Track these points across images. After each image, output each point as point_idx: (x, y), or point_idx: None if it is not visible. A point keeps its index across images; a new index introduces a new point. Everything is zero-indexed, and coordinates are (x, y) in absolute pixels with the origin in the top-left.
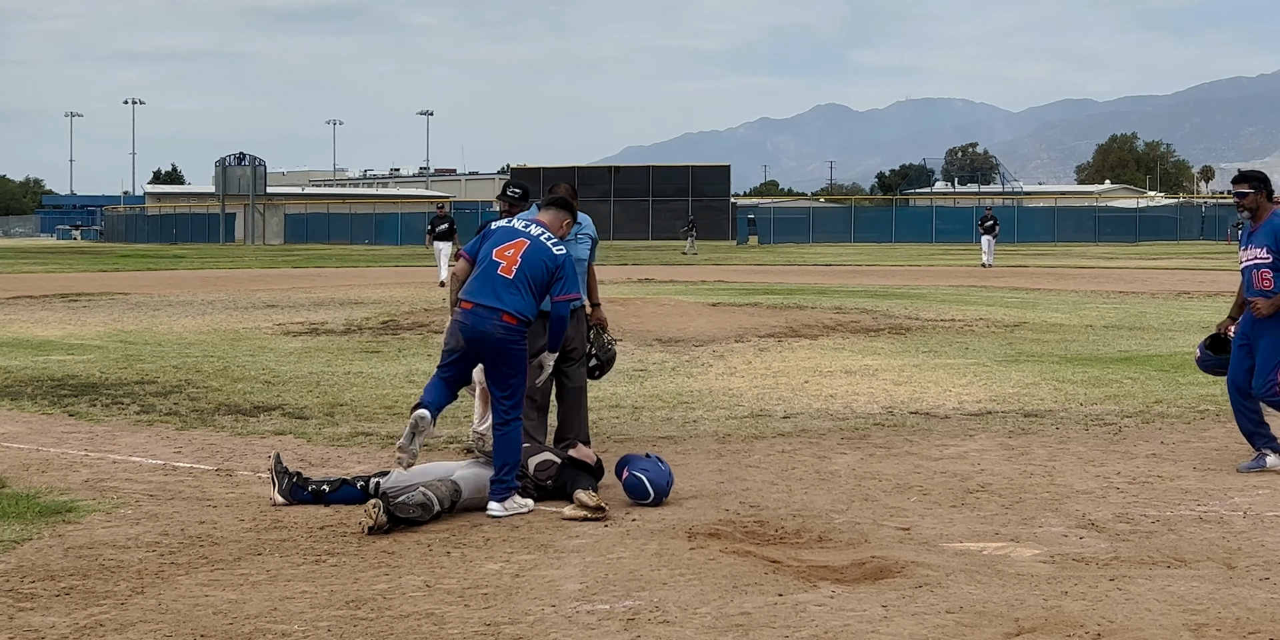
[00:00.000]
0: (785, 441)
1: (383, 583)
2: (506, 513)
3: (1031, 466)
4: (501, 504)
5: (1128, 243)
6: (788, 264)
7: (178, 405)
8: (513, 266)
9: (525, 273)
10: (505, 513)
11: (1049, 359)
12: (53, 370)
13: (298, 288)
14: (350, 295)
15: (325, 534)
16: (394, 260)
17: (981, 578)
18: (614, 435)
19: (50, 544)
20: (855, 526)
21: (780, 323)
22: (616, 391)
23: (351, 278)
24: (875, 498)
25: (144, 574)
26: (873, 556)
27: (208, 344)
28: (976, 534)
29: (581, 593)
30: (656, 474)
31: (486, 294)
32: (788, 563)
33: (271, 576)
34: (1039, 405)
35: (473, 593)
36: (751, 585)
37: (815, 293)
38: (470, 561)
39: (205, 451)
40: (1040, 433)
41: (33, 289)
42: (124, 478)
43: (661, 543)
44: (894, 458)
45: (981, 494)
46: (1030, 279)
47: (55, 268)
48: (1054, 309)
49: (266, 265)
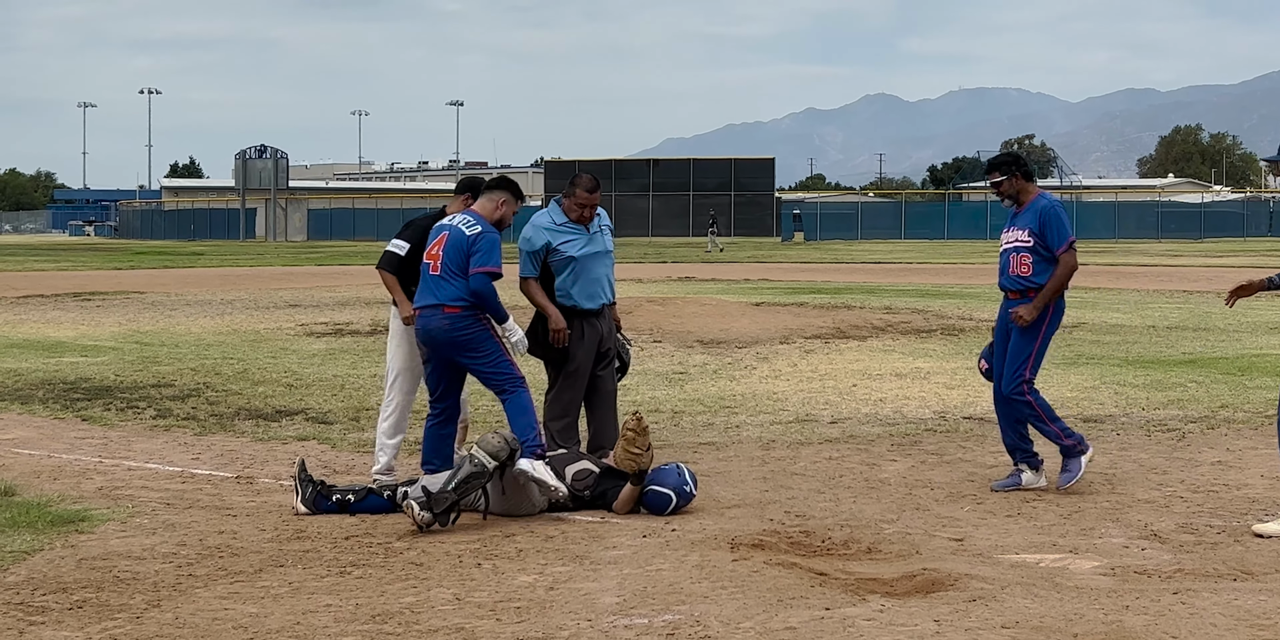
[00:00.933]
0: (832, 448)
1: (410, 596)
2: (533, 471)
3: (1091, 474)
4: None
5: (1192, 239)
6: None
7: (196, 409)
8: (438, 262)
9: (447, 261)
10: (532, 471)
11: (1109, 361)
12: (65, 373)
13: (321, 286)
14: (377, 294)
15: (350, 545)
16: None
17: (1038, 591)
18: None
19: (62, 555)
20: (906, 537)
21: (827, 323)
22: (655, 395)
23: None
24: (927, 507)
25: (160, 586)
26: (924, 569)
27: (227, 345)
28: (1033, 545)
29: (619, 606)
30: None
31: (425, 295)
32: (835, 575)
33: (294, 589)
34: (1099, 410)
35: (505, 606)
36: (797, 598)
37: (864, 292)
38: (502, 573)
39: (224, 458)
40: (1100, 439)
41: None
42: (139, 485)
43: (703, 554)
44: (947, 465)
45: (1038, 503)
46: (1090, 278)
47: (68, 265)
48: (1114, 309)
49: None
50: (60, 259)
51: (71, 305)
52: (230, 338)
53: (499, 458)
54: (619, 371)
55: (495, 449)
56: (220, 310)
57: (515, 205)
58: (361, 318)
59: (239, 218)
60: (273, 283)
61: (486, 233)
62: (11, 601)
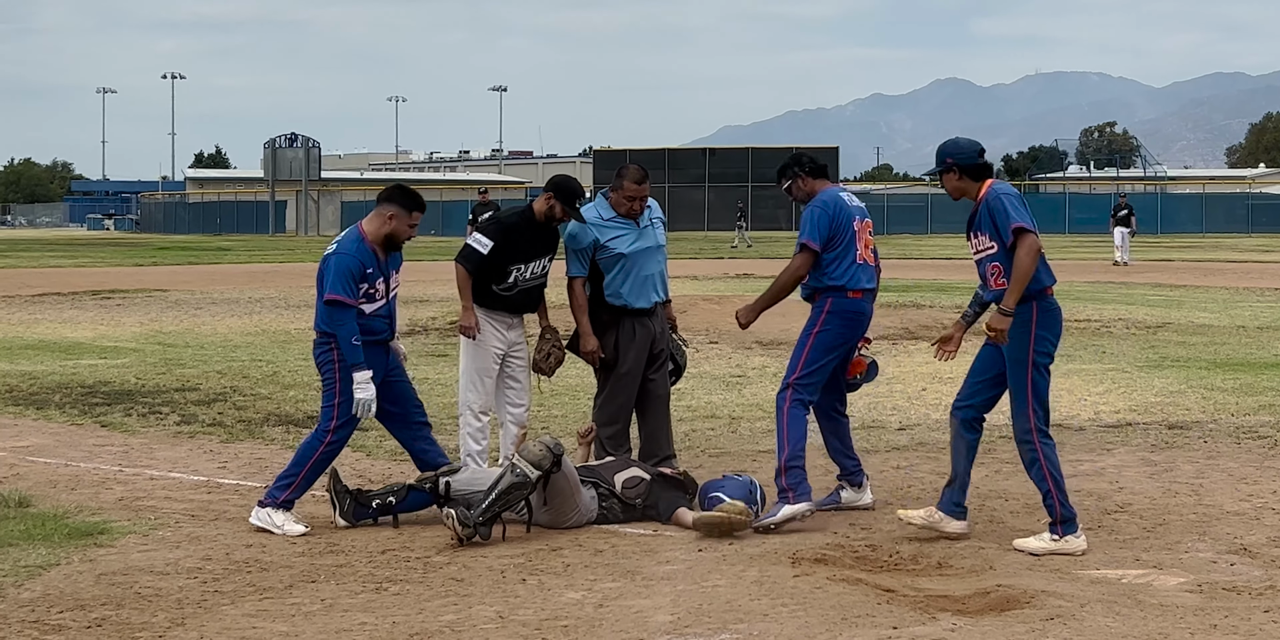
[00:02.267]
0: (900, 456)
1: (450, 613)
2: (258, 522)
3: (1176, 485)
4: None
5: None
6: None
7: (222, 415)
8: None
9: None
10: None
11: (1196, 364)
12: (83, 376)
13: None
14: (414, 292)
15: (387, 559)
16: None
17: (1120, 609)
18: (709, 449)
19: (80, 570)
20: (979, 551)
21: (894, 323)
22: (712, 400)
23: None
24: (1001, 519)
25: (184, 603)
26: (998, 585)
27: (256, 346)
28: (1115, 560)
29: (672, 625)
30: (735, 487)
31: None
32: (903, 591)
33: (327, 606)
34: (1185, 416)
35: (551, 625)
36: (863, 617)
37: (934, 290)
38: (548, 590)
39: (253, 466)
40: (1186, 447)
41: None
42: (162, 496)
43: (762, 569)
44: (1022, 475)
45: (1120, 515)
46: (1175, 274)
47: (86, 261)
48: (1202, 308)
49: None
50: (78, 254)
51: (90, 304)
52: (259, 338)
53: (542, 467)
54: (673, 375)
55: (538, 458)
56: (248, 309)
57: (409, 219)
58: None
59: (268, 211)
60: (304, 280)
61: (329, 255)
62: (26, 619)
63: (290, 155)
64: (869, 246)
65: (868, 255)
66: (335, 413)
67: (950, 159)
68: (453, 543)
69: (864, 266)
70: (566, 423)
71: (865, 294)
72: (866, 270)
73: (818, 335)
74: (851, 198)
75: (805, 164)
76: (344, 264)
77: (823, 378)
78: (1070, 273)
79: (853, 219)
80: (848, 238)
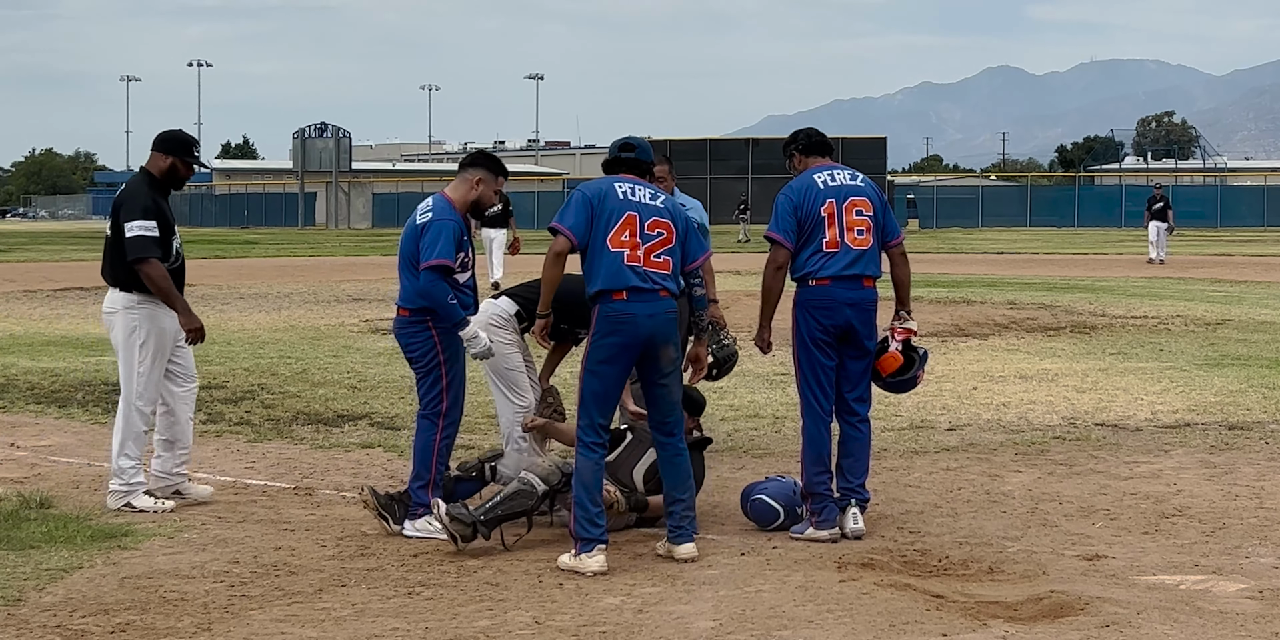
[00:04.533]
0: (950, 457)
1: (485, 619)
2: (417, 533)
3: (1237, 487)
4: (412, 523)
5: None
6: (953, 252)
7: (250, 414)
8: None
9: (401, 254)
10: (415, 533)
11: (1258, 362)
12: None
13: (387, 278)
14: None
15: (419, 563)
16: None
17: (1178, 616)
18: (752, 450)
19: (104, 573)
20: (1031, 556)
21: (944, 320)
22: (755, 399)
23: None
24: (1055, 523)
25: (211, 608)
26: (1052, 591)
27: (284, 343)
28: (1173, 565)
29: (714, 631)
30: (778, 488)
31: None
32: (953, 598)
33: (358, 611)
34: (1246, 416)
35: (589, 631)
36: (911, 623)
37: (985, 285)
38: (586, 595)
39: (281, 467)
40: (1247, 448)
41: (84, 280)
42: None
43: (807, 574)
44: (1077, 477)
45: (1178, 519)
46: (1235, 270)
47: None
48: (1263, 304)
49: (352, 252)
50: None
51: None
52: (287, 335)
53: (549, 483)
54: (716, 368)
55: (545, 474)
56: (276, 304)
57: (495, 184)
58: None
59: (297, 202)
60: (334, 274)
61: (433, 222)
62: (48, 624)
63: (320, 145)
64: (854, 228)
65: (852, 239)
66: (444, 396)
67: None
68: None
69: (835, 253)
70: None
71: (835, 280)
72: (840, 256)
73: (795, 334)
74: (835, 176)
75: (799, 141)
76: (449, 229)
77: (825, 378)
78: (1126, 268)
79: (820, 202)
80: (813, 222)
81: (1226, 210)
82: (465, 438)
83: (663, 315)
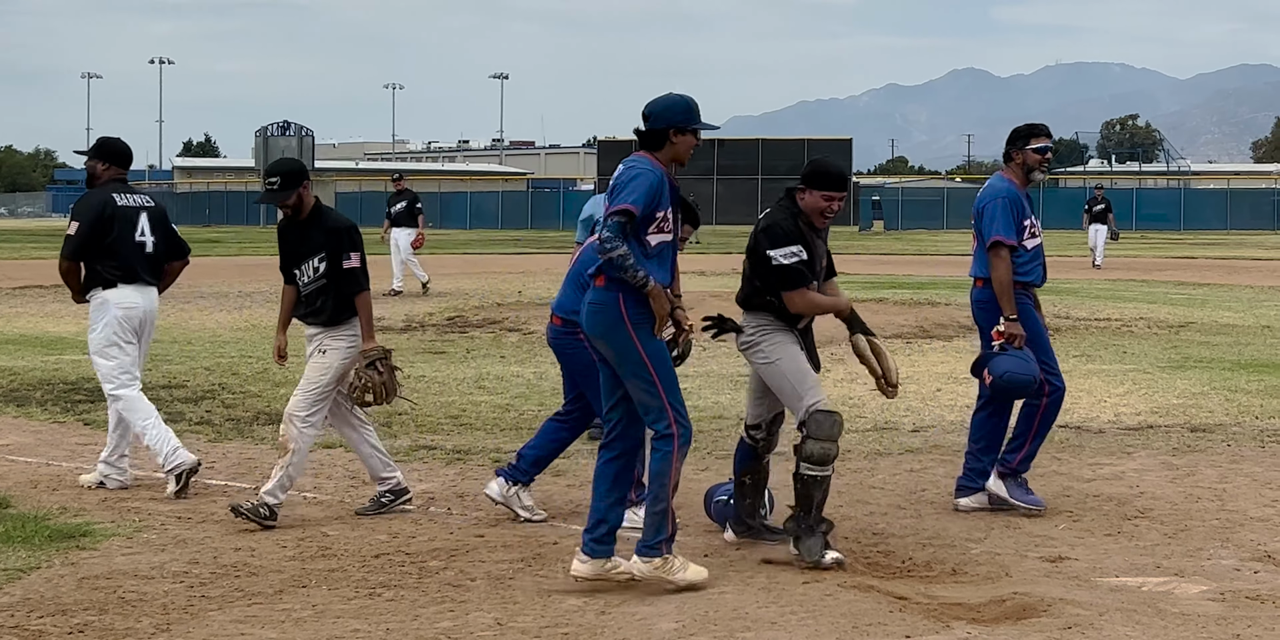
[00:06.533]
0: (914, 459)
1: (447, 620)
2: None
3: (1199, 489)
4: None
5: None
6: (918, 253)
7: (210, 413)
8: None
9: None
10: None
11: (1220, 365)
12: (66, 372)
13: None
14: (411, 287)
15: (380, 564)
16: (462, 246)
17: (1141, 618)
18: (715, 451)
19: (62, 573)
20: (995, 558)
21: (909, 321)
22: (719, 400)
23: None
24: (1018, 525)
25: (170, 609)
26: (1014, 593)
27: (245, 342)
28: (1135, 567)
29: (677, 633)
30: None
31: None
32: (916, 599)
33: (319, 612)
34: (1208, 418)
35: (551, 632)
36: (874, 625)
37: (950, 287)
38: (549, 596)
39: (242, 467)
40: (1209, 450)
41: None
42: (147, 497)
43: (770, 575)
44: (1040, 478)
45: (1141, 521)
46: (1198, 272)
47: None
48: (1226, 307)
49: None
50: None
51: None
52: (249, 334)
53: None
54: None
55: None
56: (238, 303)
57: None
58: (394, 313)
59: None
60: None
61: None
62: (6, 625)
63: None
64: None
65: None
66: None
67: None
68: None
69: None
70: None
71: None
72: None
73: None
74: None
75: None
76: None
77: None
78: (1090, 270)
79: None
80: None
81: (1190, 213)
82: (425, 437)
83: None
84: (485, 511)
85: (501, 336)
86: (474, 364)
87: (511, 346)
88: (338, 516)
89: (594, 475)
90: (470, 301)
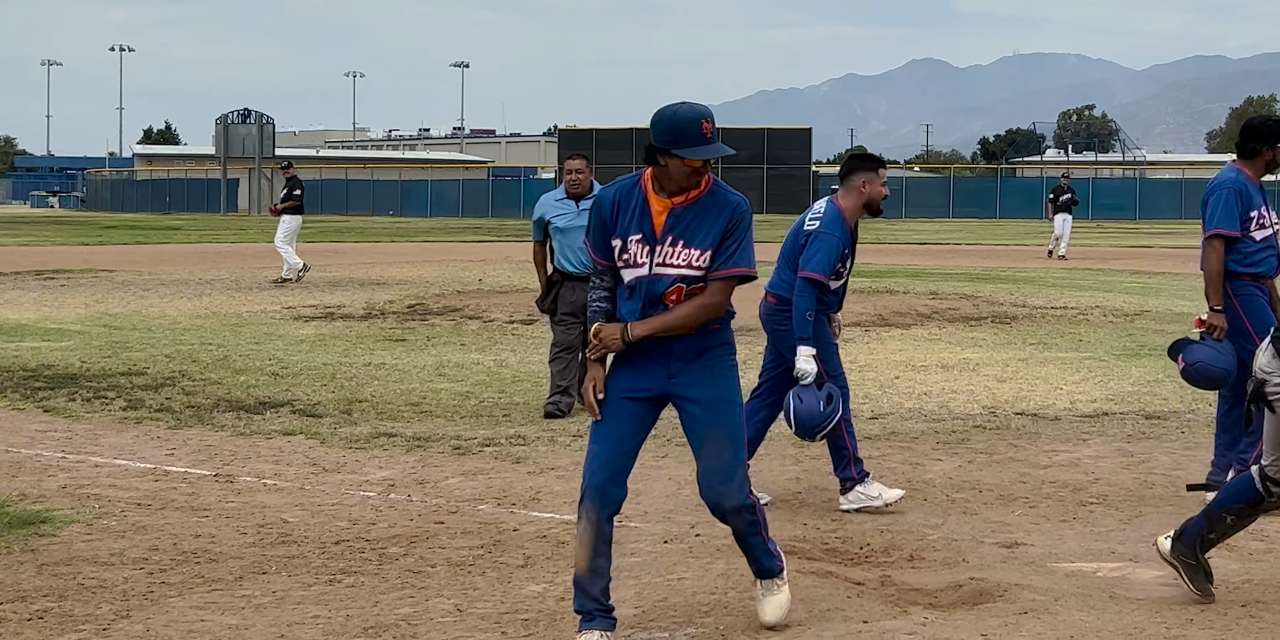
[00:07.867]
0: (872, 446)
1: (407, 607)
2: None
3: (1154, 476)
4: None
5: None
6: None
7: (170, 400)
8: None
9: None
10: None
11: None
12: (25, 359)
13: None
14: (371, 274)
15: (341, 550)
16: (422, 234)
17: (1095, 603)
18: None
19: (21, 560)
20: (952, 544)
21: (867, 310)
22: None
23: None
24: (975, 511)
25: (130, 595)
26: (971, 578)
27: (205, 330)
28: (1090, 553)
29: (637, 619)
30: None
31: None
32: (874, 585)
33: (278, 599)
34: (1162, 406)
35: (510, 618)
36: (833, 610)
37: (907, 275)
38: (508, 583)
39: (202, 454)
40: (1164, 437)
41: (3, 265)
42: (108, 484)
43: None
44: (996, 465)
45: (1096, 507)
46: (1154, 261)
47: (29, 240)
48: (1181, 296)
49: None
50: (21, 233)
51: (33, 284)
52: (209, 321)
53: None
54: None
55: None
56: (198, 291)
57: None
58: (354, 300)
59: (219, 189)
60: (256, 261)
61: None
62: None
63: (243, 132)
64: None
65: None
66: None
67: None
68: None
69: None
70: (529, 411)
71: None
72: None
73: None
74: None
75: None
76: (833, 245)
77: None
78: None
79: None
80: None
81: (1145, 203)
82: (385, 425)
83: None
84: (445, 498)
85: (462, 324)
86: (434, 351)
87: (472, 334)
88: (298, 503)
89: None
90: (430, 289)
